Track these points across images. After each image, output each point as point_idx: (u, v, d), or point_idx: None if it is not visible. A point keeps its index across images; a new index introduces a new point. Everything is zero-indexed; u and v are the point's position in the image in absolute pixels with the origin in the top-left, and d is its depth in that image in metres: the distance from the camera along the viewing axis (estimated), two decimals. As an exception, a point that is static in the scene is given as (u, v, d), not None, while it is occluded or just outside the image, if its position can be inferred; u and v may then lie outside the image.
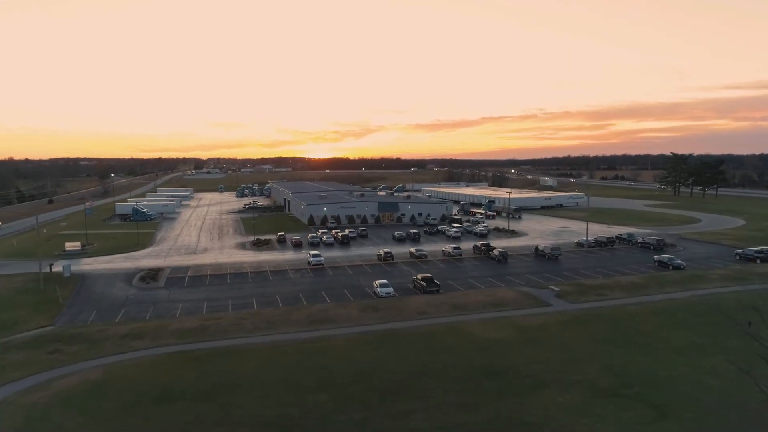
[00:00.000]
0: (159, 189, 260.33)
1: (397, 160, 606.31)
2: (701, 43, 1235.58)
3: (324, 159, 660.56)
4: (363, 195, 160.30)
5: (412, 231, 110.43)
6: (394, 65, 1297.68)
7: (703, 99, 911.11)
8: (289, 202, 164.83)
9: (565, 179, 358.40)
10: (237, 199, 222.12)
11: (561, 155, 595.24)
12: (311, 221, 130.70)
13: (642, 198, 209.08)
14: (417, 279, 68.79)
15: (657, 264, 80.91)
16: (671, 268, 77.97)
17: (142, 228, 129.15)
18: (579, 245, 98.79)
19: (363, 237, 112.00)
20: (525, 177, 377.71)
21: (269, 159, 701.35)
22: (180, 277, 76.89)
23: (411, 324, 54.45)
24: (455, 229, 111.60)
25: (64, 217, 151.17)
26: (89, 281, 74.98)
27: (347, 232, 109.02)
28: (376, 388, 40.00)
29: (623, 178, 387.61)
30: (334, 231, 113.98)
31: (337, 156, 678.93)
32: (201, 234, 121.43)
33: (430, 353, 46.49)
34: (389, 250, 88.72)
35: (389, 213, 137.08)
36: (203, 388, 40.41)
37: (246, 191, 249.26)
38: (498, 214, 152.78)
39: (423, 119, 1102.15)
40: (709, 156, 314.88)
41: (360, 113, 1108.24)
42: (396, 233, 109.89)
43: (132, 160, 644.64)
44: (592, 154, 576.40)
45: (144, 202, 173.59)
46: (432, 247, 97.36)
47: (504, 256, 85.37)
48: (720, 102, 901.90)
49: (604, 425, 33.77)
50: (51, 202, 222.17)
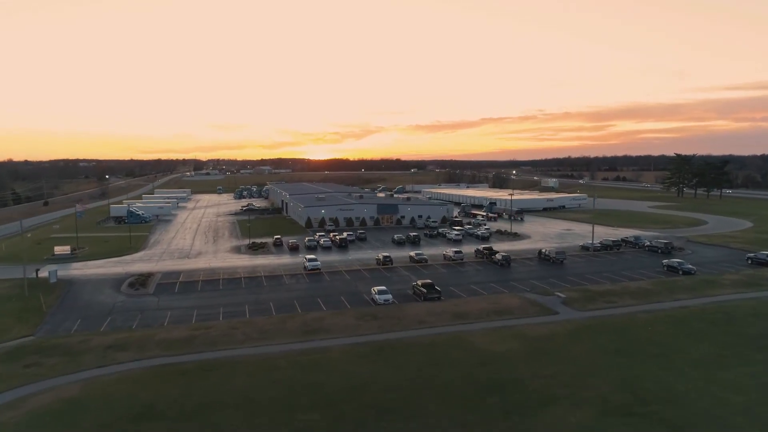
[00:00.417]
0: (156, 191, 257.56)
1: (397, 161, 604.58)
2: (701, 44, 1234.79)
3: (324, 160, 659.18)
4: (362, 197, 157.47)
5: (411, 234, 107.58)
6: (393, 66, 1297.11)
7: (704, 100, 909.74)
8: (287, 204, 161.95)
9: (566, 180, 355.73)
10: (235, 201, 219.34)
11: (561, 156, 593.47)
12: (309, 224, 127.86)
13: (645, 199, 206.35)
14: (417, 285, 65.98)
15: (666, 269, 78.02)
16: (681, 273, 75.14)
17: (136, 231, 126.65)
18: (584, 249, 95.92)
19: (361, 240, 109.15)
20: (526, 178, 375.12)
21: (269, 160, 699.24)
22: (171, 283, 74.06)
23: (410, 334, 51.63)
24: (456, 232, 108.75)
25: (57, 220, 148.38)
26: (76, 287, 72.17)
27: (345, 235, 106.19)
28: (371, 405, 37.21)
29: (624, 179, 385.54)
30: (331, 234, 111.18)
31: (337, 157, 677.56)
32: (196, 237, 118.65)
33: (430, 366, 43.67)
34: (388, 254, 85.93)
35: (388, 215, 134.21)
36: (187, 406, 37.61)
37: (244, 193, 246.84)
38: (499, 216, 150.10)
39: (423, 120, 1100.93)
40: (711, 157, 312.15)
41: (360, 114, 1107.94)
42: (395, 236, 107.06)
43: (131, 161, 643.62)
44: (592, 155, 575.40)
45: (139, 204, 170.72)
46: (432, 251, 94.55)
47: (507, 260, 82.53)
48: (720, 103, 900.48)
49: (620, 450, 31.05)
50: (46, 204, 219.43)
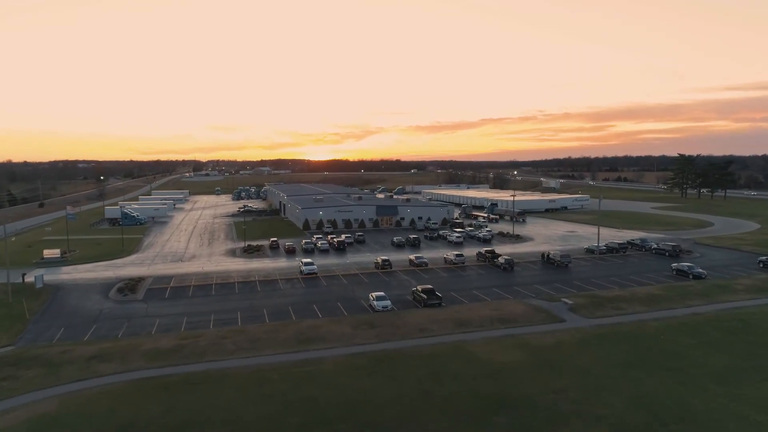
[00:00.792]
0: (154, 192, 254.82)
1: (397, 161, 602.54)
2: (701, 45, 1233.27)
3: (323, 161, 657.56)
4: (361, 198, 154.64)
5: (411, 236, 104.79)
6: (393, 67, 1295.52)
7: (703, 100, 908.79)
8: (285, 205, 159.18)
9: (568, 181, 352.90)
10: (233, 202, 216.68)
11: (561, 157, 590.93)
12: (306, 226, 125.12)
13: (648, 200, 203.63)
14: (417, 291, 63.25)
15: (675, 273, 75.23)
16: (691, 277, 72.33)
17: (130, 233, 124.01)
18: (589, 251, 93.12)
19: (360, 243, 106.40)
20: (527, 179, 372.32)
21: (269, 161, 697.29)
22: (161, 288, 71.30)
23: (410, 344, 48.91)
24: (457, 235, 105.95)
25: (51, 222, 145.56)
26: (62, 293, 69.45)
27: (343, 237, 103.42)
28: (368, 423, 34.56)
29: (626, 179, 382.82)
30: (329, 236, 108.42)
31: (337, 158, 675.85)
32: (191, 240, 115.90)
33: (430, 380, 40.96)
34: (387, 257, 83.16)
35: (388, 217, 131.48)
36: (170, 424, 34.95)
37: (242, 194, 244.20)
38: (501, 217, 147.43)
39: (422, 121, 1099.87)
40: (712, 157, 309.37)
41: (360, 115, 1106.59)
42: (395, 239, 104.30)
43: (130, 162, 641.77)
44: (592, 155, 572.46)
45: (135, 205, 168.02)
46: (433, 254, 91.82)
47: (510, 264, 79.76)
48: (720, 103, 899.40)
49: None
50: (42, 205, 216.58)
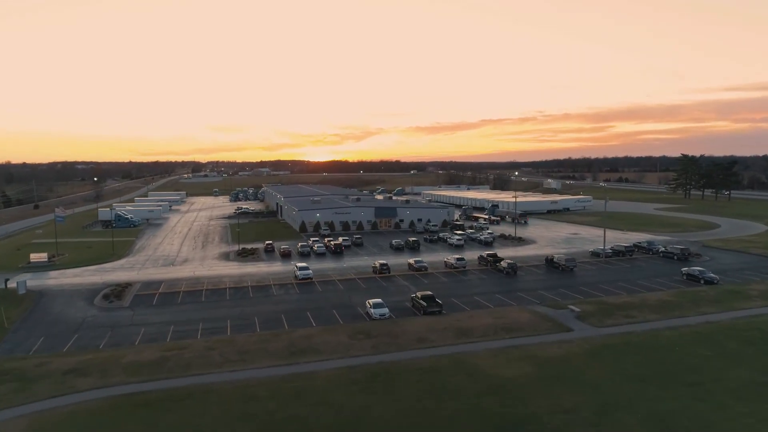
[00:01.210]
0: (150, 193, 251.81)
1: (397, 162, 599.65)
2: (701, 45, 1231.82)
3: (323, 162, 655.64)
4: (359, 199, 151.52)
5: (411, 239, 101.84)
6: (393, 68, 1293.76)
7: (703, 101, 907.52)
8: (282, 207, 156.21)
9: (569, 182, 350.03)
10: (230, 204, 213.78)
11: (561, 157, 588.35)
12: (303, 228, 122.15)
13: (651, 201, 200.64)
14: (416, 297, 60.32)
15: (685, 277, 72.24)
16: (703, 282, 69.35)
17: (123, 235, 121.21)
18: (594, 255, 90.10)
19: (358, 245, 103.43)
20: (527, 179, 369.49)
21: (268, 162, 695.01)
22: (149, 295, 68.34)
23: (408, 355, 45.96)
24: (458, 237, 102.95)
25: (43, 224, 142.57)
26: (46, 299, 66.51)
27: (341, 240, 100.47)
28: (363, 448, 31.64)
29: (627, 180, 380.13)
30: (326, 239, 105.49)
31: (337, 159, 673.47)
32: (184, 242, 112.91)
33: (430, 397, 38.01)
34: (385, 261, 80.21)
35: (387, 219, 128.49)
36: (147, 447, 32.04)
37: (240, 195, 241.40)
38: (502, 219, 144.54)
39: (422, 122, 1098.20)
40: (713, 158, 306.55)
41: (360, 116, 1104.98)
42: (393, 241, 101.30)
43: (129, 163, 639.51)
44: (592, 156, 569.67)
45: (129, 207, 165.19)
46: (433, 258, 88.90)
47: (513, 268, 76.78)
48: (720, 104, 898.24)
49: None
50: (37, 207, 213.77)
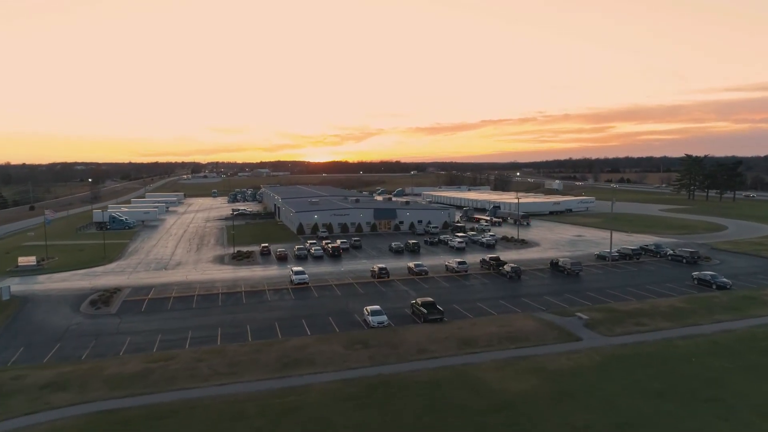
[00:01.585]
0: (148, 194, 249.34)
1: (397, 163, 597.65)
2: (701, 46, 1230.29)
3: (323, 163, 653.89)
4: (358, 201, 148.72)
5: (411, 241, 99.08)
6: (393, 69, 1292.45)
7: (703, 101, 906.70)
8: (279, 208, 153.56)
9: (570, 182, 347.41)
10: (228, 205, 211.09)
11: (561, 158, 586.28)
12: (300, 230, 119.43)
13: (655, 202, 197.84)
14: (416, 304, 57.59)
15: (696, 282, 69.41)
16: (715, 287, 66.49)
17: (116, 238, 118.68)
18: (600, 258, 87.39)
19: (356, 248, 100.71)
20: (528, 180, 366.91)
21: (268, 163, 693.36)
22: (138, 301, 65.61)
23: (408, 367, 43.21)
24: (459, 240, 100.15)
25: (35, 227, 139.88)
26: (30, 306, 63.82)
27: (339, 243, 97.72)
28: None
29: (629, 180, 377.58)
30: (324, 241, 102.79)
31: (337, 160, 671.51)
32: (179, 245, 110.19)
33: (431, 413, 35.27)
34: (384, 265, 77.44)
35: (386, 220, 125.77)
36: (122, 473, 29.32)
37: (238, 196, 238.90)
38: (504, 220, 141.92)
39: (422, 122, 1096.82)
40: (712, 158, 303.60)
41: (360, 117, 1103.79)
42: (393, 244, 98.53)
43: (129, 164, 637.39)
44: (592, 156, 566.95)
45: (124, 208, 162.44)
46: (433, 261, 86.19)
47: (517, 272, 74.01)
48: (720, 104, 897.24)
49: None
50: (32, 208, 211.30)
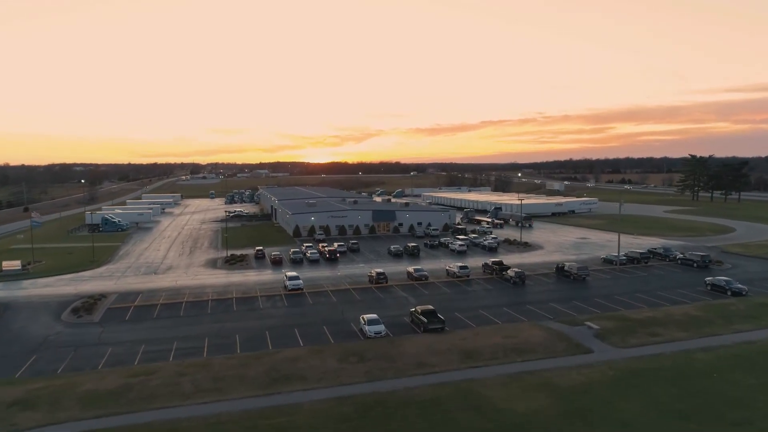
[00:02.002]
0: (144, 195, 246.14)
1: (397, 164, 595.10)
2: (701, 46, 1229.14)
3: (323, 163, 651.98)
4: (356, 202, 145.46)
5: (410, 245, 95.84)
6: (393, 70, 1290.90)
7: (703, 102, 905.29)
8: (276, 210, 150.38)
9: (571, 183, 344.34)
10: (225, 206, 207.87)
11: (561, 159, 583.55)
12: (297, 232, 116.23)
13: (659, 203, 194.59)
14: (416, 312, 54.41)
15: (710, 288, 66.17)
16: (730, 293, 63.31)
17: (108, 240, 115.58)
18: (607, 262, 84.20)
19: (354, 251, 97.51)
20: (529, 181, 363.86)
21: (267, 164, 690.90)
22: (123, 308, 62.41)
23: (407, 383, 40.02)
24: (460, 243, 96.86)
25: (25, 229, 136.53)
26: (10, 313, 60.64)
27: (336, 246, 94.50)
28: None
29: (630, 181, 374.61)
30: (321, 244, 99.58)
31: (337, 160, 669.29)
32: (171, 248, 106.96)
33: (433, 438, 32.13)
34: (382, 270, 74.23)
35: (385, 222, 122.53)
36: None
37: (235, 198, 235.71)
38: (506, 222, 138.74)
39: (422, 123, 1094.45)
40: (715, 159, 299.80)
41: (360, 118, 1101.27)
42: (392, 247, 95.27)
43: (128, 165, 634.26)
44: (593, 157, 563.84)
45: (118, 210, 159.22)
46: (433, 265, 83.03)
47: (521, 277, 70.80)
48: (720, 105, 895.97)
49: None
50: (27, 209, 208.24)
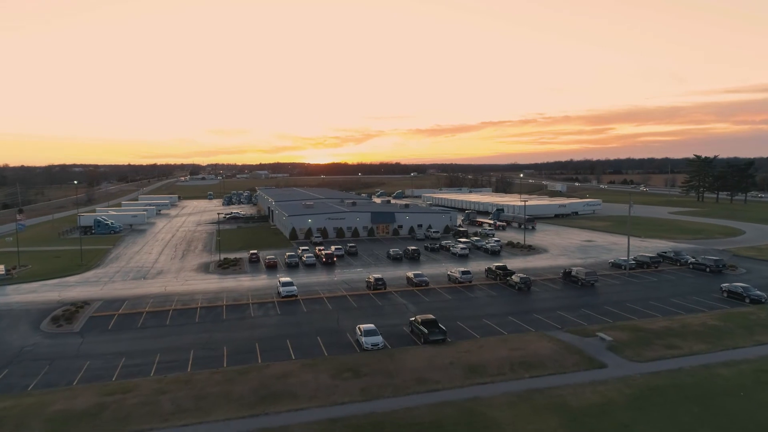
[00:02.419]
0: (141, 197, 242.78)
1: (397, 165, 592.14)
2: (701, 47, 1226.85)
3: (323, 164, 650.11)
4: (355, 204, 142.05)
5: (410, 248, 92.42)
6: (394, 71, 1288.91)
7: (703, 103, 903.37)
8: (273, 211, 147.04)
9: (572, 184, 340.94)
10: (223, 208, 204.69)
11: (562, 159, 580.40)
12: (294, 235, 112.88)
13: (663, 204, 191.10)
14: (416, 322, 51.05)
15: (726, 295, 62.78)
16: (748, 301, 59.92)
17: (99, 243, 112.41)
18: (615, 266, 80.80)
19: (352, 255, 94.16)
20: (531, 182, 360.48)
21: (268, 165, 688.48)
22: (106, 317, 59.04)
23: (406, 403, 36.67)
24: (462, 246, 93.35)
25: (12, 232, 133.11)
26: (-14, 323, 57.33)
27: (333, 249, 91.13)
28: None
29: (632, 182, 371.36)
30: (318, 248, 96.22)
31: (337, 161, 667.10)
32: (164, 251, 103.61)
33: (434, 469, 28.78)
34: (381, 275, 70.80)
35: (384, 224, 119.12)
36: None
37: (233, 199, 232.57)
38: (508, 224, 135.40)
39: (423, 124, 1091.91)
40: (720, 160, 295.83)
41: (360, 118, 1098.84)
42: (391, 251, 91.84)
43: (128, 166, 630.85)
44: (593, 158, 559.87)
45: (112, 212, 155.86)
46: (434, 270, 79.70)
47: (526, 283, 67.38)
48: (720, 106, 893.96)
49: None
50: (21, 211, 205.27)
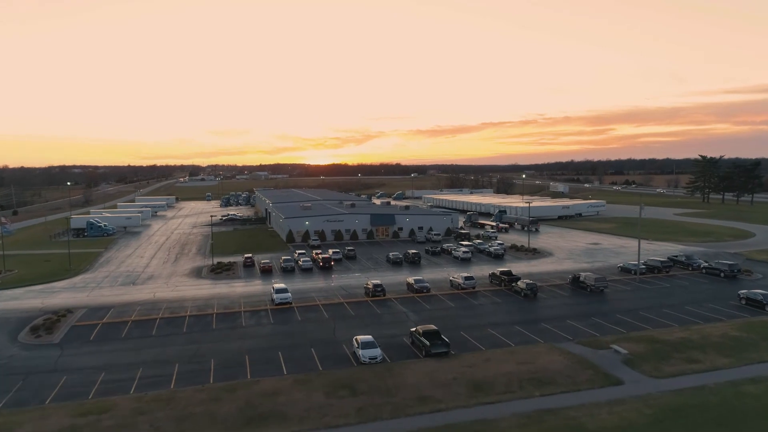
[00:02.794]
0: (138, 198, 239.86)
1: (397, 165, 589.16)
2: (701, 48, 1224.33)
3: (323, 165, 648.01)
4: (353, 205, 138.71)
5: (410, 251, 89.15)
6: (394, 71, 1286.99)
7: (703, 103, 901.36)
8: (270, 213, 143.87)
9: (573, 184, 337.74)
10: (221, 209, 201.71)
11: (563, 160, 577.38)
12: (290, 237, 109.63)
13: (668, 206, 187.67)
14: (417, 333, 47.84)
15: (744, 302, 59.47)
16: (768, 309, 56.77)
17: (90, 246, 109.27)
18: (625, 271, 77.54)
19: (350, 259, 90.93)
20: (532, 183, 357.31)
21: (268, 166, 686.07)
22: (89, 326, 55.79)
23: (406, 426, 33.45)
24: (464, 249, 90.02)
25: (4, 235, 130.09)
26: (-39, 333, 54.13)
27: (330, 253, 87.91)
28: None
29: (634, 182, 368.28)
30: (315, 251, 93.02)
31: (337, 162, 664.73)
32: (156, 255, 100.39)
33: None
34: (380, 281, 67.55)
35: (384, 227, 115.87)
36: None
37: (231, 200, 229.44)
38: (511, 225, 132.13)
39: (423, 125, 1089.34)
40: (725, 161, 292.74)
41: (360, 119, 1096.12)
42: (391, 254, 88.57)
43: (127, 167, 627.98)
44: (594, 158, 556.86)
45: (106, 213, 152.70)
46: (436, 275, 76.47)
47: (533, 289, 64.10)
48: (720, 106, 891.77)
49: None
50: (16, 213, 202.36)
